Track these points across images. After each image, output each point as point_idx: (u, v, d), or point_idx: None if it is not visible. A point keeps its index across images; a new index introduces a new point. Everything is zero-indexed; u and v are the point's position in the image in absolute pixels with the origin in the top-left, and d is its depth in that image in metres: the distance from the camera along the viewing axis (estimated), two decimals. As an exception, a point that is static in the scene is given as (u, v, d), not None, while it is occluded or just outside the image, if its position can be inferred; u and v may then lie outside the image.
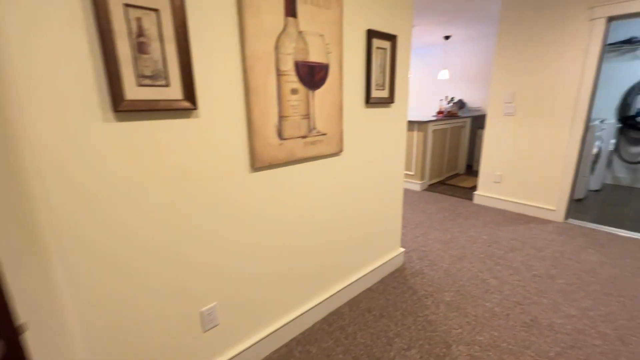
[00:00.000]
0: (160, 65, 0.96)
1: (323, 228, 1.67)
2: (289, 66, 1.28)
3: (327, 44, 1.41)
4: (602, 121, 3.63)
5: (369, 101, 1.71)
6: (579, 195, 3.63)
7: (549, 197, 3.10)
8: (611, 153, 4.09)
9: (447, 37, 5.03)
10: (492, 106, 3.35)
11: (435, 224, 3.04)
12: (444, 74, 5.11)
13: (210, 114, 1.12)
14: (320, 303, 1.73)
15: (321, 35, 1.37)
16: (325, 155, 1.57)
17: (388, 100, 1.83)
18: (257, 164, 1.27)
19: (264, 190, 1.35)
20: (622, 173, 4.25)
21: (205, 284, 1.23)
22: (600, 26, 2.59)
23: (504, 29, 3.13)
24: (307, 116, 1.40)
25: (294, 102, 1.34)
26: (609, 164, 4.16)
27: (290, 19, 1.25)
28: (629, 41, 3.87)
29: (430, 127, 4.12)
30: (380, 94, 1.77)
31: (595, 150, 3.55)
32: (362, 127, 1.75)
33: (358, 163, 1.78)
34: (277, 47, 1.22)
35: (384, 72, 1.76)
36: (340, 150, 1.61)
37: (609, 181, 4.36)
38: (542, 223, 3.02)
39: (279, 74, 1.26)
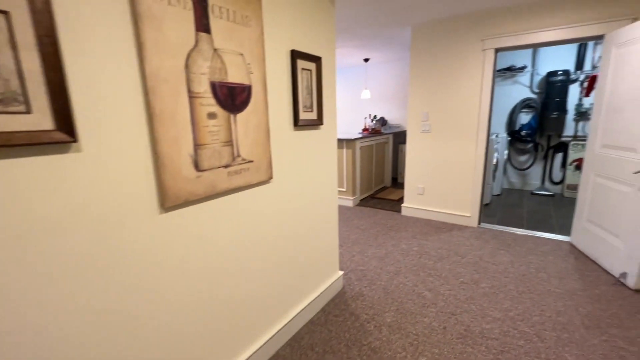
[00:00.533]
0: (13, 85, 0.71)
1: (257, 266, 1.49)
2: (204, 87, 1.12)
3: (248, 63, 1.28)
4: (496, 135, 4.23)
5: (298, 123, 1.62)
6: (486, 200, 4.12)
7: (464, 205, 3.43)
8: (505, 162, 4.79)
9: (366, 60, 5.37)
10: (411, 124, 3.62)
11: (370, 240, 3.09)
12: (366, 94, 5.42)
13: (98, 147, 0.88)
14: (258, 350, 1.53)
15: (241, 54, 1.24)
16: (254, 184, 1.42)
17: (317, 122, 1.78)
18: (169, 203, 1.06)
19: (180, 233, 1.13)
20: (514, 178, 5.01)
21: (116, 345, 0.95)
22: (490, 55, 3.02)
23: (414, 56, 3.44)
24: (229, 143, 1.24)
25: (213, 128, 1.17)
26: (505, 171, 4.87)
27: (203, 35, 1.09)
28: (509, 69, 4.65)
29: (358, 144, 4.27)
30: (308, 116, 1.71)
31: (494, 161, 4.10)
32: (292, 151, 1.65)
33: (290, 189, 1.66)
34: (187, 66, 1.05)
35: (311, 94, 1.70)
36: (270, 178, 1.48)
37: (505, 186, 5.09)
38: (461, 229, 3.32)
39: (192, 96, 1.08)
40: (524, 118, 4.77)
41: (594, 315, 1.89)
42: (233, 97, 1.23)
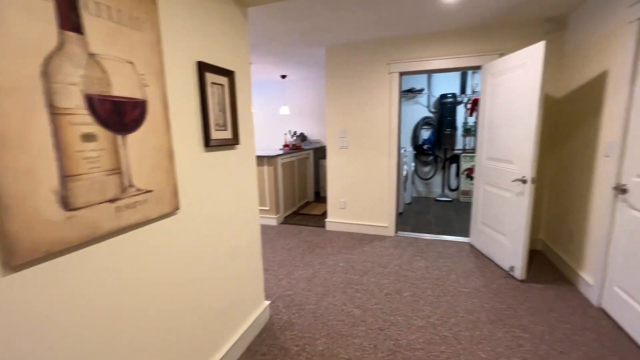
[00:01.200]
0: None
1: (166, 316, 1.22)
2: (75, 102, 0.86)
3: (142, 74, 1.06)
4: (404, 150, 4.66)
5: (209, 144, 1.43)
6: (400, 209, 4.46)
7: (382, 216, 3.63)
8: (413, 173, 5.32)
9: (283, 76, 5.38)
10: (330, 141, 3.70)
11: (297, 260, 2.98)
12: (284, 110, 5.41)
13: None
14: (167, 422, 1.24)
15: (130, 63, 1.02)
16: (154, 219, 1.17)
17: (232, 142, 1.61)
18: (20, 259, 0.76)
19: (41, 298, 0.83)
20: (421, 187, 5.58)
21: None
22: (396, 78, 3.31)
23: (330, 76, 3.56)
24: (116, 171, 0.99)
25: (91, 153, 0.91)
26: (413, 181, 5.39)
27: (72, 35, 0.85)
28: (411, 90, 5.22)
29: (280, 161, 4.18)
30: (222, 135, 1.53)
31: (404, 173, 4.49)
32: (204, 175, 1.44)
33: (202, 219, 1.45)
34: (47, 73, 0.79)
35: (224, 111, 1.54)
36: (176, 209, 1.25)
37: (414, 194, 5.63)
38: (382, 239, 3.48)
39: (57, 112, 0.82)
40: (425, 134, 5.39)
41: (496, 309, 2.13)
42: (121, 115, 0.99)
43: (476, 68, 3.10)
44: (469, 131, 5.11)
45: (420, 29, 2.99)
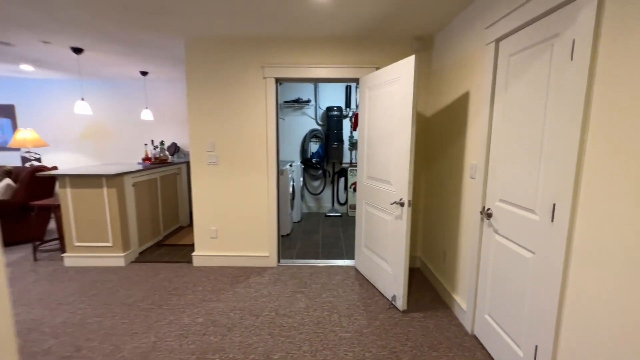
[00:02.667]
0: None
1: None
2: None
3: None
4: (291, 164, 4.28)
5: None
6: (287, 231, 4.03)
7: (262, 244, 3.09)
8: (302, 188, 4.99)
9: (144, 73, 4.34)
10: (195, 155, 2.98)
11: (136, 323, 2.14)
12: (147, 114, 4.36)
13: None
14: None
15: None
16: None
17: None
18: None
19: None
20: (311, 203, 5.32)
21: None
22: (271, 85, 2.85)
23: (192, 76, 2.86)
24: None
25: None
26: (302, 197, 5.07)
27: None
28: (297, 101, 4.92)
29: (128, 180, 3.19)
30: None
31: (290, 190, 4.09)
32: None
33: None
34: None
35: None
36: None
37: (305, 210, 5.33)
38: (261, 273, 2.93)
39: None
40: (314, 147, 5.16)
41: (379, 356, 1.82)
42: None
43: (355, 81, 2.91)
44: (355, 145, 5.12)
45: (296, 30, 2.62)
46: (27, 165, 4.61)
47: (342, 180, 5.23)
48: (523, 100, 1.53)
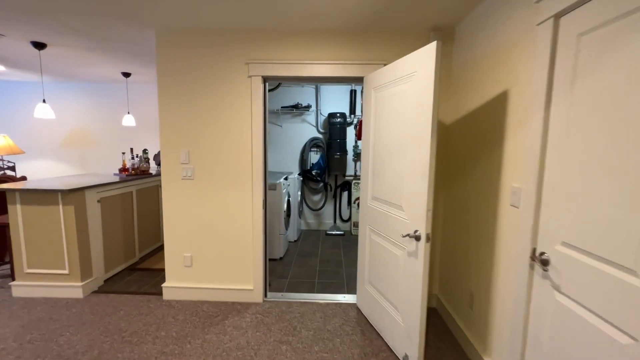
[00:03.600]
0: None
1: None
2: None
3: None
4: (286, 177, 3.78)
5: None
6: (279, 254, 3.51)
7: (246, 275, 2.58)
8: (300, 203, 4.48)
9: (127, 75, 3.93)
10: (166, 167, 2.50)
11: (66, 389, 1.64)
12: (129, 120, 3.94)
13: None
14: None
15: None
16: None
17: None
18: None
19: None
20: (311, 219, 4.80)
21: None
22: (258, 84, 2.38)
23: (163, 72, 2.40)
24: None
25: None
26: (301, 212, 4.55)
27: None
28: (296, 107, 4.45)
29: (92, 195, 2.72)
30: None
31: (285, 206, 3.58)
32: None
33: None
34: None
35: None
36: None
37: (304, 227, 4.80)
38: (241, 313, 2.41)
39: None
40: (314, 157, 4.67)
41: None
42: None
43: (358, 80, 2.42)
44: (360, 156, 4.61)
45: (288, 19, 2.14)
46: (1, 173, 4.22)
47: (345, 194, 4.71)
48: (609, 99, 1.01)
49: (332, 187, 4.69)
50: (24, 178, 4.17)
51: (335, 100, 4.55)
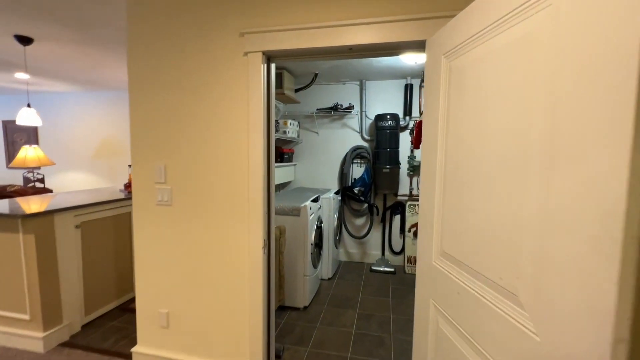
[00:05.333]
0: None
1: None
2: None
3: None
4: (316, 199, 2.89)
5: None
6: (303, 302, 2.61)
7: (242, 345, 1.73)
8: (338, 228, 3.55)
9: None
10: (137, 189, 1.81)
11: None
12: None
13: None
14: None
15: None
16: None
17: None
18: None
19: None
20: (352, 247, 3.83)
21: None
22: (257, 64, 1.56)
23: (134, 59, 1.74)
24: None
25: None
26: (338, 241, 3.61)
27: None
28: (335, 108, 3.58)
29: (69, 220, 2.17)
30: None
31: (312, 237, 2.69)
32: None
33: None
34: None
35: None
36: None
37: (343, 258, 3.85)
38: (226, 414, 1.56)
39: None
40: (357, 171, 3.73)
41: None
42: None
43: (415, 48, 1.45)
44: (417, 169, 3.54)
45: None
46: (28, 185, 4.11)
47: (396, 218, 3.66)
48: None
49: (379, 210, 3.68)
50: (48, 190, 3.97)
51: (384, 99, 3.58)
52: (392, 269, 3.46)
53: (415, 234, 3.45)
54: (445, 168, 1.15)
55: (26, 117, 2.55)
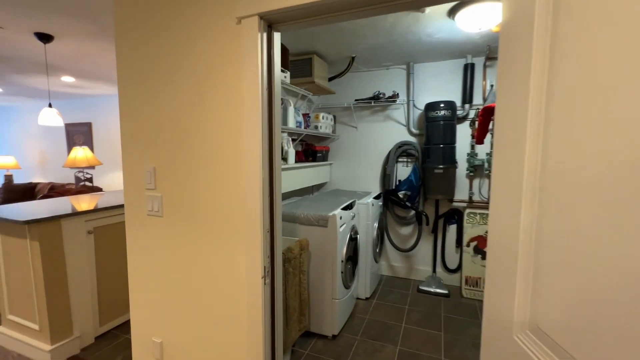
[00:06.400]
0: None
1: None
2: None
3: None
4: (349, 206, 2.42)
5: None
6: (332, 330, 2.18)
7: (242, 398, 1.37)
8: (379, 239, 3.03)
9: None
10: (129, 194, 1.54)
11: None
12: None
13: None
14: None
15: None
16: None
17: None
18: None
19: None
20: (396, 261, 3.28)
21: None
22: (253, 34, 1.16)
23: (121, 38, 1.46)
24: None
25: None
26: (379, 253, 3.09)
27: None
28: (376, 98, 3.06)
29: (80, 226, 2.03)
30: None
31: (344, 251, 2.24)
32: None
33: None
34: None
35: None
36: None
37: (385, 272, 3.33)
38: None
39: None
40: (403, 171, 3.17)
41: None
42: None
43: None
44: (479, 169, 2.86)
45: None
46: (80, 184, 4.32)
47: (451, 228, 3.02)
48: None
49: (429, 218, 3.08)
50: (98, 189, 4.11)
51: (437, 84, 2.96)
52: (446, 291, 2.84)
53: (476, 250, 2.79)
54: (543, 171, 0.62)
55: (47, 117, 2.53)
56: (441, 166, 2.75)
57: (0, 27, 2.13)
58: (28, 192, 4.58)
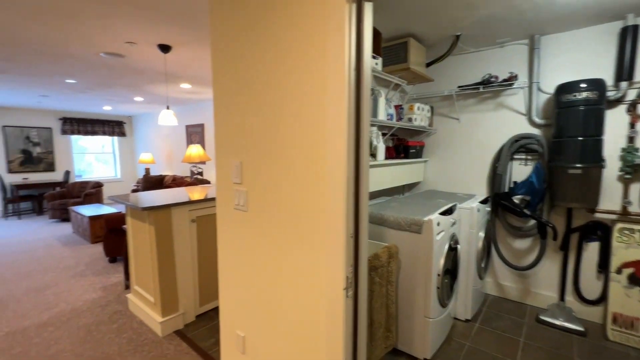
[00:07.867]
0: None
1: None
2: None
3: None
4: (448, 210, 2.05)
5: None
6: (424, 353, 1.88)
7: (319, 416, 1.25)
8: (485, 251, 2.54)
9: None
10: (221, 189, 1.59)
11: None
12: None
13: None
14: None
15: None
16: None
17: None
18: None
19: None
20: (507, 280, 2.71)
21: None
22: (349, 11, 1.00)
23: (215, 28, 1.50)
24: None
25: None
26: (484, 269, 2.59)
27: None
28: (486, 82, 2.56)
29: (182, 214, 2.26)
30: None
31: (442, 262, 1.90)
32: None
33: None
34: None
35: None
36: None
37: (492, 291, 2.78)
38: None
39: None
40: (520, 171, 2.58)
41: None
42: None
43: None
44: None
45: None
46: (193, 177, 4.98)
47: (591, 247, 2.31)
48: None
49: (556, 231, 2.43)
50: (206, 182, 4.68)
51: (573, 59, 2.29)
52: (581, 328, 2.19)
53: (632, 279, 2.06)
54: None
55: (166, 118, 2.91)
56: (579, 165, 2.11)
57: (133, 43, 2.53)
58: (159, 182, 5.55)
